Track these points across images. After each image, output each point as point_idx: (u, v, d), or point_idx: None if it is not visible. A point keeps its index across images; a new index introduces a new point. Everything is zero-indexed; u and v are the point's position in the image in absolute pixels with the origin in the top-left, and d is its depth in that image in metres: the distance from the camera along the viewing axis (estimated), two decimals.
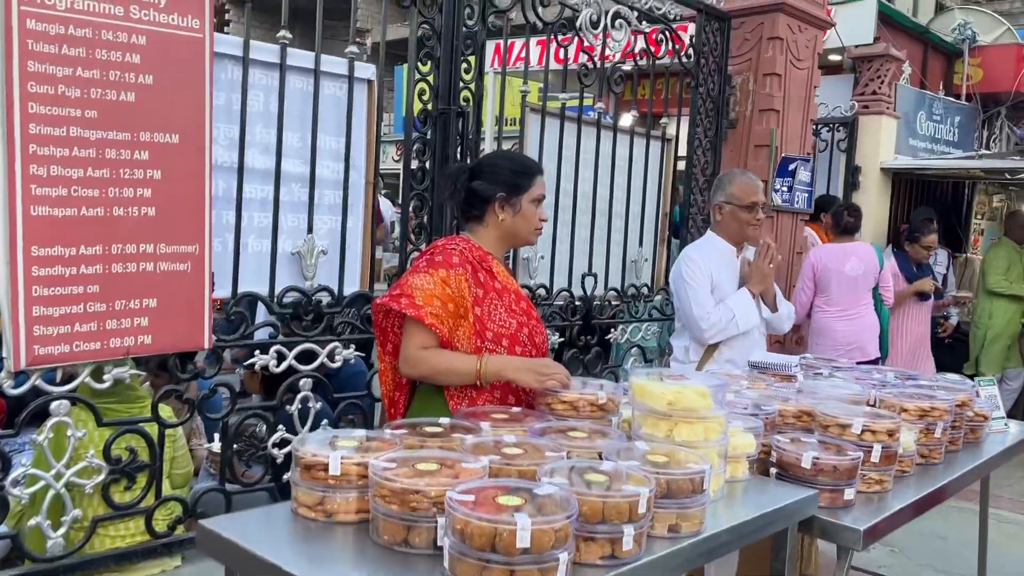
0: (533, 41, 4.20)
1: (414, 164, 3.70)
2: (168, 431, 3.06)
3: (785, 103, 5.18)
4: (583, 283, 4.42)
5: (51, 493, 2.73)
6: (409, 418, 2.31)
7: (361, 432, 1.90)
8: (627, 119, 5.05)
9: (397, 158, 14.16)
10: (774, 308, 3.56)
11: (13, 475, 2.63)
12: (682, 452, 1.83)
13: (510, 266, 4.03)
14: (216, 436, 3.38)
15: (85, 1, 2.65)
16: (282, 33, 3.24)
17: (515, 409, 2.22)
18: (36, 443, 2.73)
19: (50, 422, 2.72)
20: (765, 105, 5.11)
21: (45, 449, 2.72)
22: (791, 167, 5.28)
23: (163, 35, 2.83)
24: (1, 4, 2.49)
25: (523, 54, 4.29)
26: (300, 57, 3.31)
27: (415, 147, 3.70)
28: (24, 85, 2.54)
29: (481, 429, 1.97)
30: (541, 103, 4.14)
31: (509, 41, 4.14)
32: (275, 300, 3.27)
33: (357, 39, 3.89)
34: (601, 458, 1.79)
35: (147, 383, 3.05)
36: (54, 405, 2.71)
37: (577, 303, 4.38)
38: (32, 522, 2.71)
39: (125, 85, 2.75)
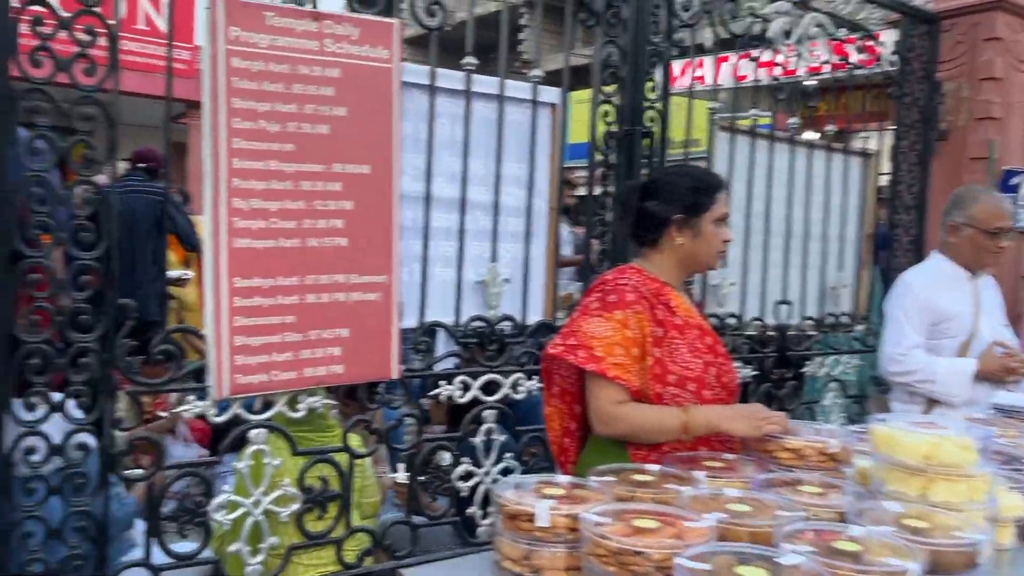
0: (719, 56, 3.97)
1: (597, 189, 3.56)
2: (357, 461, 3.06)
3: (1006, 110, 4.63)
4: (777, 312, 4.10)
5: (250, 520, 2.78)
6: (596, 464, 2.14)
7: (563, 478, 1.76)
8: (819, 134, 4.69)
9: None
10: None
11: (217, 500, 2.69)
12: (943, 516, 1.54)
13: (694, 293, 3.79)
14: (400, 466, 3.35)
15: (285, 38, 2.71)
16: (467, 59, 3.21)
17: (729, 456, 2.00)
18: (237, 470, 2.79)
19: (249, 450, 2.77)
20: (982, 113, 4.60)
21: (244, 476, 2.77)
22: (1014, 181, 4.72)
23: (355, 67, 2.86)
24: (208, 43, 2.58)
25: (707, 70, 4.07)
26: (485, 83, 3.27)
27: (599, 171, 3.57)
28: (229, 121, 2.62)
29: (696, 479, 1.77)
30: (729, 120, 3.90)
31: (695, 58, 3.93)
32: (460, 329, 3.21)
33: (523, 69, 3.80)
34: (843, 519, 1.55)
35: (336, 412, 3.06)
36: (252, 433, 2.75)
37: (771, 333, 4.06)
38: (233, 547, 2.76)
39: (320, 118, 2.79)
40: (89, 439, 2.48)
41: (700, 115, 4.03)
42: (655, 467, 1.84)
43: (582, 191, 6.37)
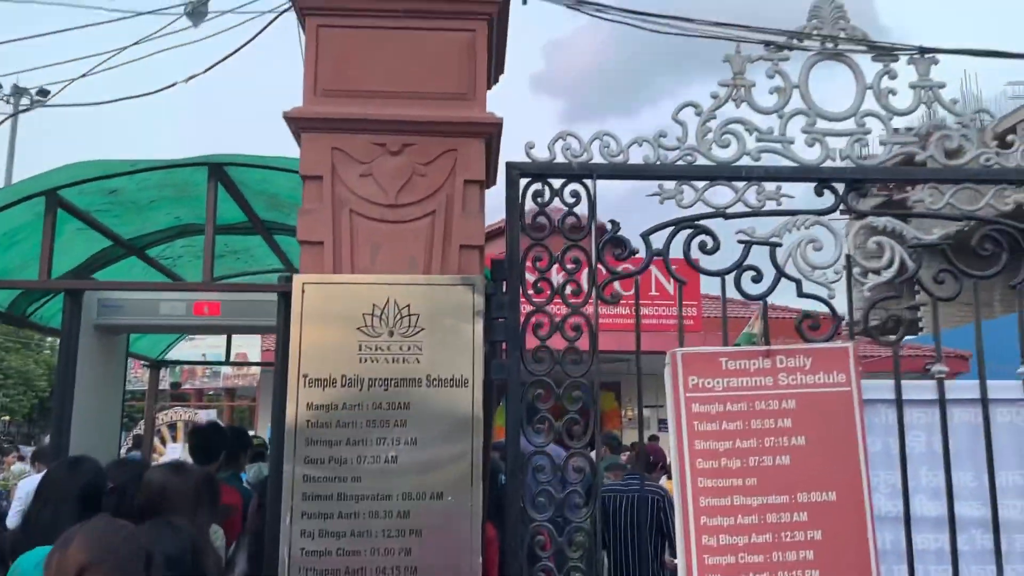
0: None
1: None
2: None
3: None
4: None
5: None
6: None
7: None
8: None
9: None
10: None
11: None
12: None
13: None
14: None
15: (740, 378, 2.92)
16: (937, 367, 3.04)
17: None
18: None
19: None
20: None
21: None
22: None
23: (811, 395, 2.92)
24: (671, 392, 2.91)
25: None
26: (960, 388, 3.03)
27: None
28: (694, 462, 2.85)
29: None
30: None
31: None
32: None
33: None
34: None
35: None
36: None
37: None
38: None
39: (780, 449, 2.88)
40: None
41: None
42: None
43: None
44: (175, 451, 11.36)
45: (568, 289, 3.01)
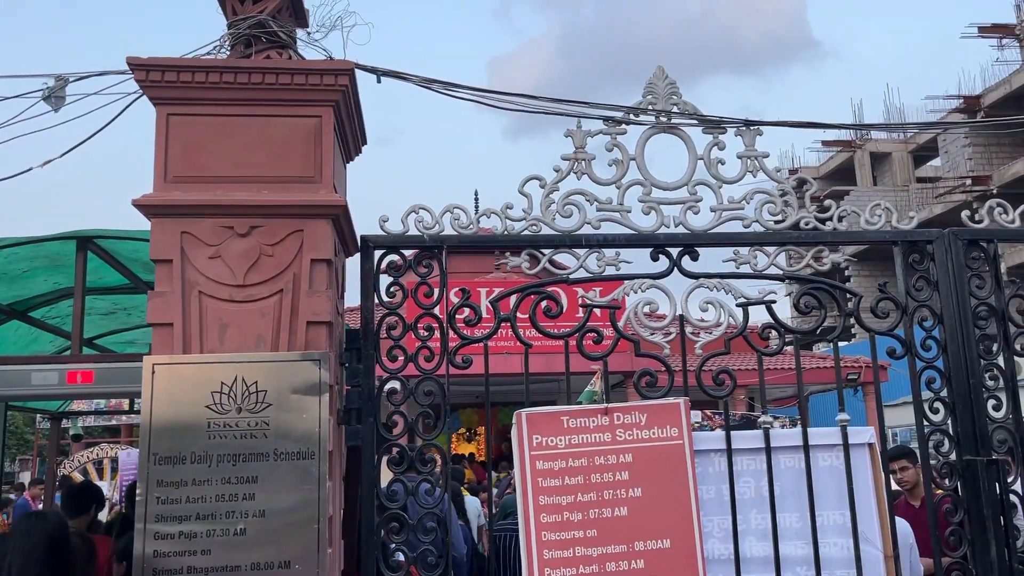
0: None
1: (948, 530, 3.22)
2: None
3: None
4: None
5: None
6: None
7: None
8: None
9: None
10: None
11: None
12: None
13: None
14: None
15: (580, 435, 3.13)
16: (763, 419, 3.29)
17: None
18: None
19: None
20: None
21: None
22: None
23: (647, 449, 3.14)
24: (516, 451, 3.10)
25: None
26: (785, 436, 3.29)
27: (945, 508, 3.24)
28: (538, 516, 3.04)
29: None
30: None
31: None
32: None
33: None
34: None
35: None
36: None
37: None
38: None
39: (618, 501, 3.08)
40: None
41: None
42: None
43: None
44: (104, 488, 11.18)
45: (421, 355, 3.19)
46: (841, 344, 3.52)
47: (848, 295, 3.41)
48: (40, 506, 9.42)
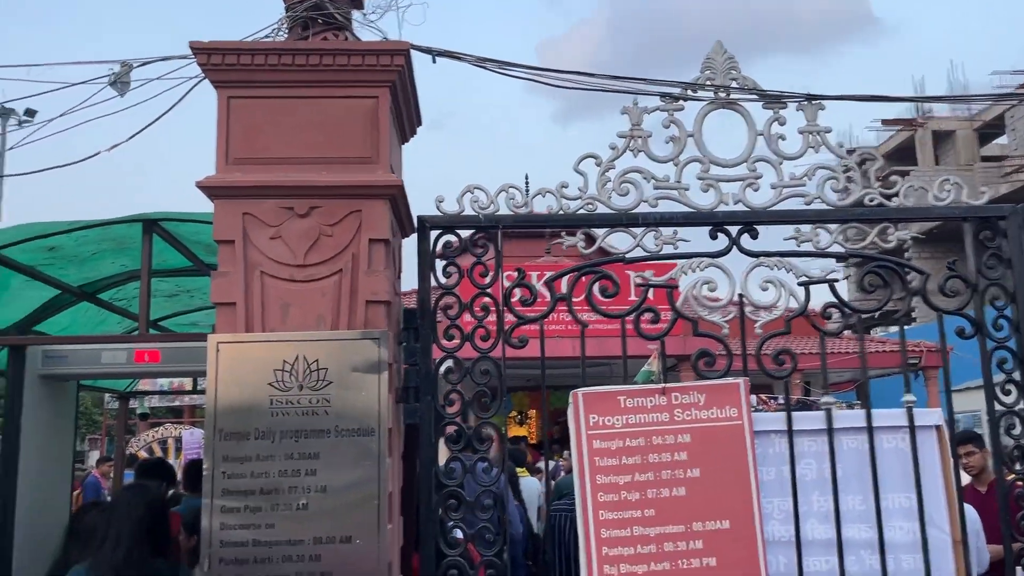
0: None
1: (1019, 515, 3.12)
2: None
3: None
4: None
5: None
6: None
7: None
8: None
9: None
10: None
11: None
12: None
13: None
14: None
15: (638, 415, 3.11)
16: (825, 399, 3.22)
17: None
18: None
19: None
20: None
21: None
22: None
23: (705, 429, 3.10)
24: (573, 431, 3.09)
25: None
26: (848, 417, 3.22)
27: (1017, 492, 3.14)
28: (595, 495, 3.04)
29: None
30: None
31: None
32: None
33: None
34: None
35: None
36: None
37: None
38: None
39: (676, 481, 3.06)
40: None
41: None
42: None
43: None
44: None
45: (477, 335, 3.20)
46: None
47: (915, 272, 3.31)
48: (109, 484, 9.75)
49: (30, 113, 17.36)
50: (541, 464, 5.95)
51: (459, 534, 3.11)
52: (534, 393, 19.67)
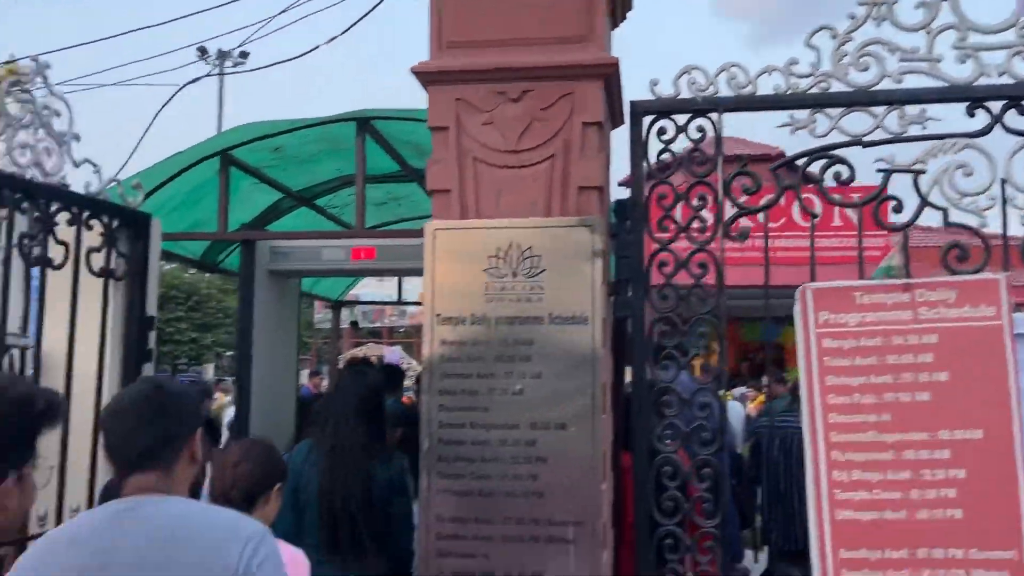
0: None
1: None
2: None
3: None
4: None
5: None
6: None
7: None
8: None
9: None
10: None
11: None
12: None
13: None
14: None
15: (875, 312, 2.82)
16: None
17: None
18: None
19: None
20: None
21: None
22: None
23: (955, 329, 2.77)
24: (800, 329, 2.86)
25: None
26: None
27: None
28: (825, 398, 2.81)
29: None
30: None
31: None
32: None
33: None
34: None
35: None
36: None
37: None
38: None
39: (918, 385, 2.77)
40: None
41: None
42: None
43: None
44: None
45: (694, 226, 3.01)
46: None
47: None
48: None
49: (243, 55, 19.39)
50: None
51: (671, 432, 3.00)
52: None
